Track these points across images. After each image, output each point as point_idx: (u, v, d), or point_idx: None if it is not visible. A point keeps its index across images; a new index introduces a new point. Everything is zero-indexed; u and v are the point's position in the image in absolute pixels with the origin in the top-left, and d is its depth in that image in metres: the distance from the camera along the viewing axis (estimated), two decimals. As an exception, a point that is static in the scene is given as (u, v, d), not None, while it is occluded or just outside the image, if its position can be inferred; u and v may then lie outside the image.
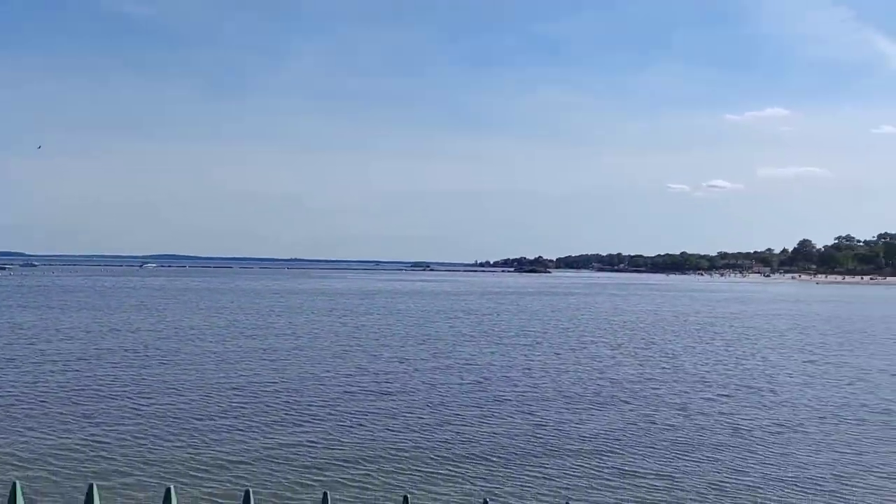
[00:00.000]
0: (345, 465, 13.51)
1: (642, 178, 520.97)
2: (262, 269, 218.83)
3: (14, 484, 1.92)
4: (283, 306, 59.97)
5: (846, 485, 12.90)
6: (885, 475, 13.56)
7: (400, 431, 16.28)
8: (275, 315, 49.95)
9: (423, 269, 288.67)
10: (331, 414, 17.95)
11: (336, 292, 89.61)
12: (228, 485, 12.11)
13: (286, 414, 17.89)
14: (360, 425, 16.73)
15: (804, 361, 30.16)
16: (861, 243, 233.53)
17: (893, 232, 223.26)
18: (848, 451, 15.30)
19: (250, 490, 2.86)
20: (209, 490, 11.89)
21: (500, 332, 41.13)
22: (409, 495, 3.10)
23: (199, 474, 12.68)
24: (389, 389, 21.51)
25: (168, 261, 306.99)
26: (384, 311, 56.25)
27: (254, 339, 34.30)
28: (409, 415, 18.06)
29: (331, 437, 15.63)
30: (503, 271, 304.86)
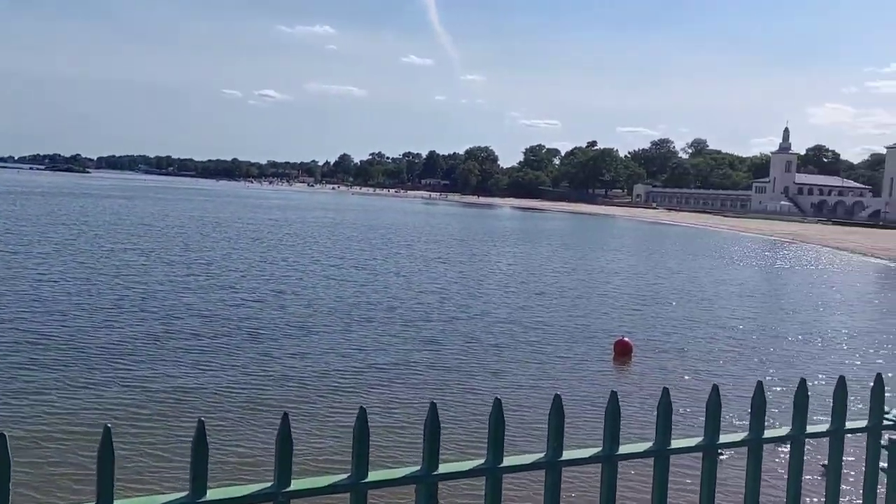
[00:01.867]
0: None
1: (195, 79, 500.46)
2: None
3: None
4: None
5: (344, 373, 14.40)
6: (369, 364, 15.51)
7: None
8: None
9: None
10: None
11: None
12: None
13: None
14: None
15: (331, 266, 32.82)
16: (390, 160, 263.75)
17: (415, 151, 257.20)
18: (349, 344, 17.07)
19: None
20: None
21: (14, 238, 35.66)
22: None
23: None
24: None
25: None
26: None
27: None
28: None
29: None
30: (31, 168, 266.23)
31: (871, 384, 2.33)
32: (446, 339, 18.36)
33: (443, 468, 1.77)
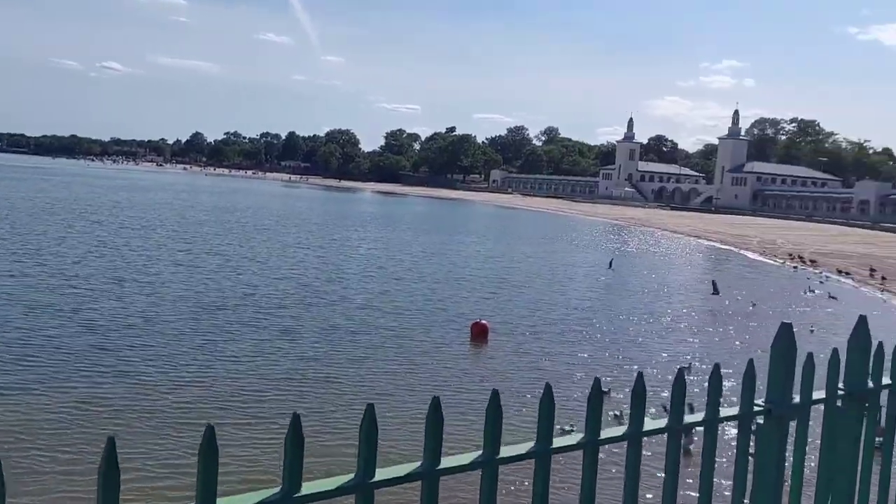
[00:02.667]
0: None
1: (25, 47, 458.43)
2: None
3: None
4: None
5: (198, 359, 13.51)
6: (218, 356, 14.69)
7: None
8: None
9: None
10: None
11: None
12: None
13: None
14: None
15: (179, 251, 30.98)
16: (246, 140, 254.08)
17: (274, 132, 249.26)
18: (197, 335, 16.09)
19: None
20: None
21: None
22: None
23: None
24: None
25: None
26: None
27: None
28: None
29: None
30: None
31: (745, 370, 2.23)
32: (304, 327, 17.76)
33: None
